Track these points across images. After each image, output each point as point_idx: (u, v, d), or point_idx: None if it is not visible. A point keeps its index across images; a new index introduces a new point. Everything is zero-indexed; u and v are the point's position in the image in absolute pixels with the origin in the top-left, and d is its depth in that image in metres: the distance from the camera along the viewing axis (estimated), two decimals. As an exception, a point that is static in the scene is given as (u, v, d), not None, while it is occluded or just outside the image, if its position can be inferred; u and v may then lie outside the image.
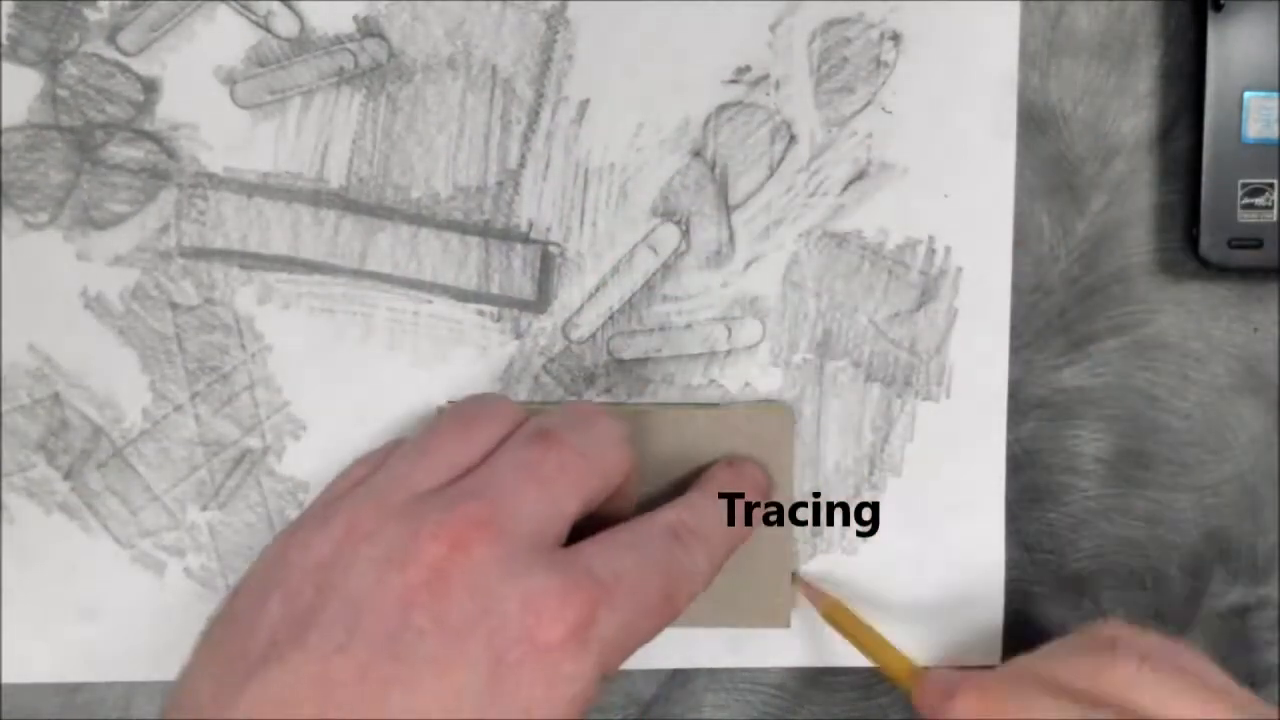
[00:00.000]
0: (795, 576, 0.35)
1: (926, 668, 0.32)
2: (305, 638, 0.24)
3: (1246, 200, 0.35)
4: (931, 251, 0.36)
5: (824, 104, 0.35)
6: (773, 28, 0.35)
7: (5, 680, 0.35)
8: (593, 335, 0.35)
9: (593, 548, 0.27)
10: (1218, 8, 0.35)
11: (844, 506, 0.36)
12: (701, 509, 0.31)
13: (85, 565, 0.35)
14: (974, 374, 0.36)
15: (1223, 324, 0.37)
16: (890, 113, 0.35)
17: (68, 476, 0.35)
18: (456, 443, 0.28)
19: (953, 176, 0.35)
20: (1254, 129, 0.35)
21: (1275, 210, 0.35)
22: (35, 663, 0.35)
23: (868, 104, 0.35)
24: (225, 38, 0.34)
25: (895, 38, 0.35)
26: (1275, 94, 0.34)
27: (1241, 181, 0.35)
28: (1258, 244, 0.35)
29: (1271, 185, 0.34)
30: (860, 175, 0.35)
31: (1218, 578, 0.37)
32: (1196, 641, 0.37)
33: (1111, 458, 0.37)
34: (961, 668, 0.35)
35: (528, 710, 0.24)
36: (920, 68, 0.35)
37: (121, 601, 0.35)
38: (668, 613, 0.27)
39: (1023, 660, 0.31)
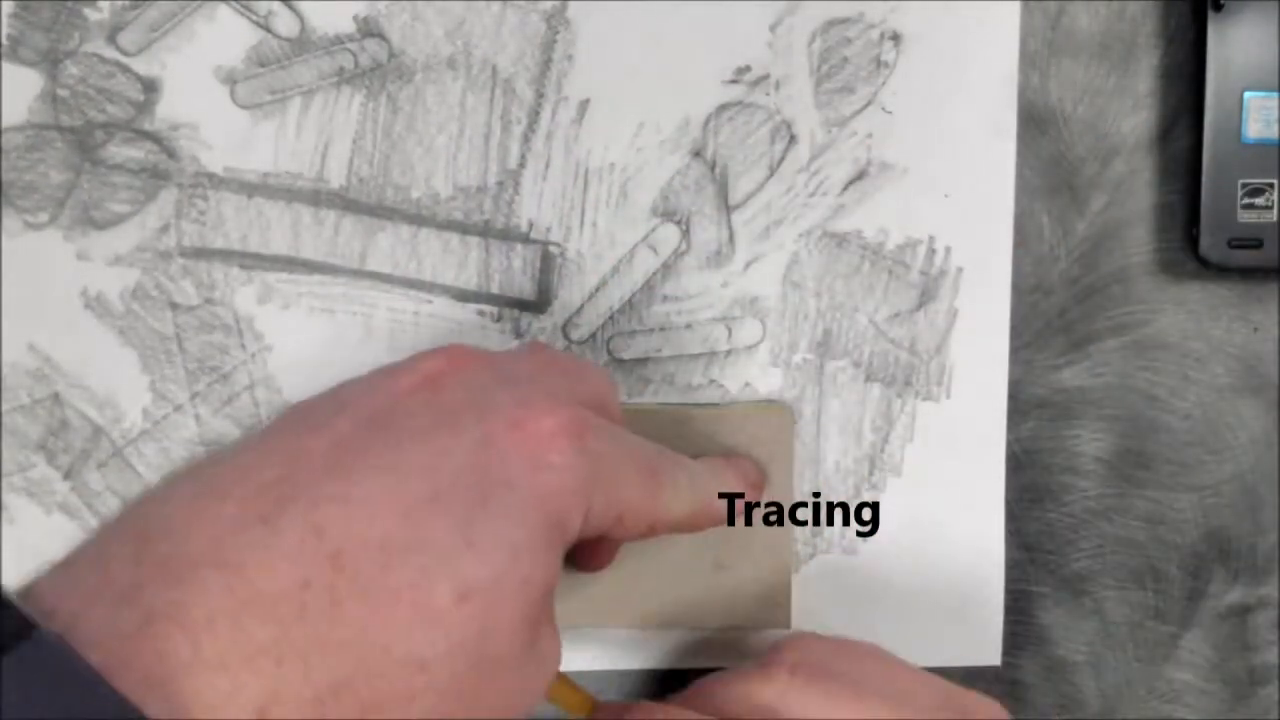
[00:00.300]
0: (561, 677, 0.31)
1: (597, 704, 0.30)
2: (281, 425, 0.24)
3: (1246, 200, 0.35)
4: (931, 251, 0.36)
5: (824, 104, 0.35)
6: (773, 28, 0.35)
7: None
8: (593, 335, 0.35)
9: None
10: (1218, 8, 0.35)
11: (844, 506, 0.36)
12: (687, 458, 0.30)
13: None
14: (974, 374, 0.36)
15: (1223, 324, 0.37)
16: (890, 113, 0.35)
17: (68, 476, 0.35)
18: (427, 360, 0.28)
19: (953, 176, 0.35)
20: (1254, 129, 0.35)
21: (1275, 210, 0.35)
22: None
23: (868, 104, 0.35)
24: (225, 38, 0.34)
25: (895, 38, 0.35)
26: (1275, 94, 0.34)
27: (1241, 181, 0.35)
28: (1258, 244, 0.35)
29: (1271, 185, 0.34)
30: (860, 175, 0.35)
31: (1218, 578, 0.37)
32: (1196, 641, 0.37)
33: (1111, 458, 0.37)
34: (963, 669, 0.35)
35: (509, 483, 0.23)
36: (920, 68, 0.35)
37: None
38: (649, 488, 0.27)
39: (703, 685, 0.30)
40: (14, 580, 0.35)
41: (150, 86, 0.34)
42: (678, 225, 0.35)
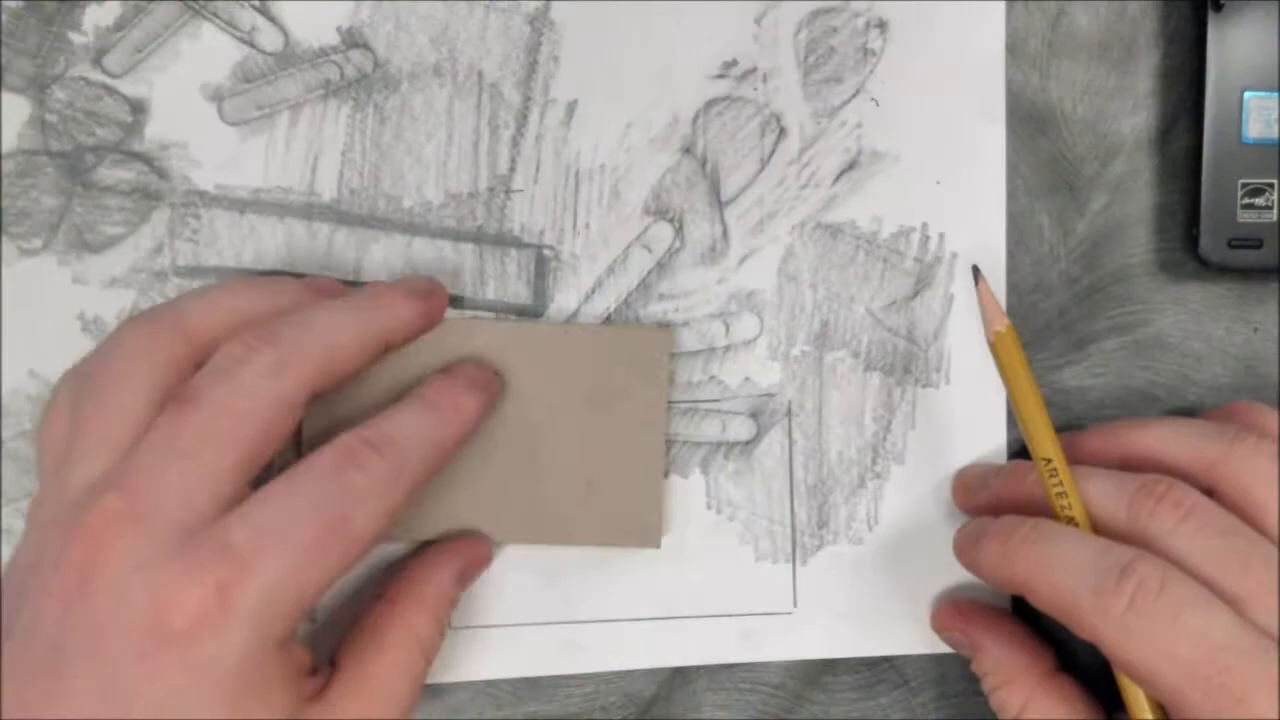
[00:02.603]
0: (979, 274, 0.32)
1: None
2: (9, 634, 0.26)
3: (1246, 200, 0.35)
4: (925, 238, 0.36)
5: (812, 95, 0.35)
6: (758, 20, 0.35)
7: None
8: (590, 336, 0.35)
9: (242, 509, 0.26)
10: (1218, 8, 0.34)
11: (848, 496, 0.36)
12: (393, 417, 0.29)
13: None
14: (973, 359, 0.36)
15: (1223, 324, 0.37)
16: (879, 103, 0.35)
17: (74, 500, 0.35)
18: (97, 420, 0.28)
19: (944, 163, 0.35)
20: (1254, 129, 0.34)
21: (1275, 210, 0.35)
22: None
23: (856, 93, 0.35)
24: (210, 55, 0.34)
25: (881, 25, 0.35)
26: (1275, 94, 0.34)
27: (1241, 181, 0.35)
28: (1258, 244, 0.35)
29: (1271, 185, 0.34)
30: (851, 165, 0.35)
31: None
32: None
33: None
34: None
35: (177, 690, 0.25)
36: (907, 54, 0.35)
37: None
38: (341, 542, 0.27)
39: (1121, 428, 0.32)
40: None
41: (138, 107, 0.34)
42: (671, 223, 0.35)
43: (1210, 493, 0.29)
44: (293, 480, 0.27)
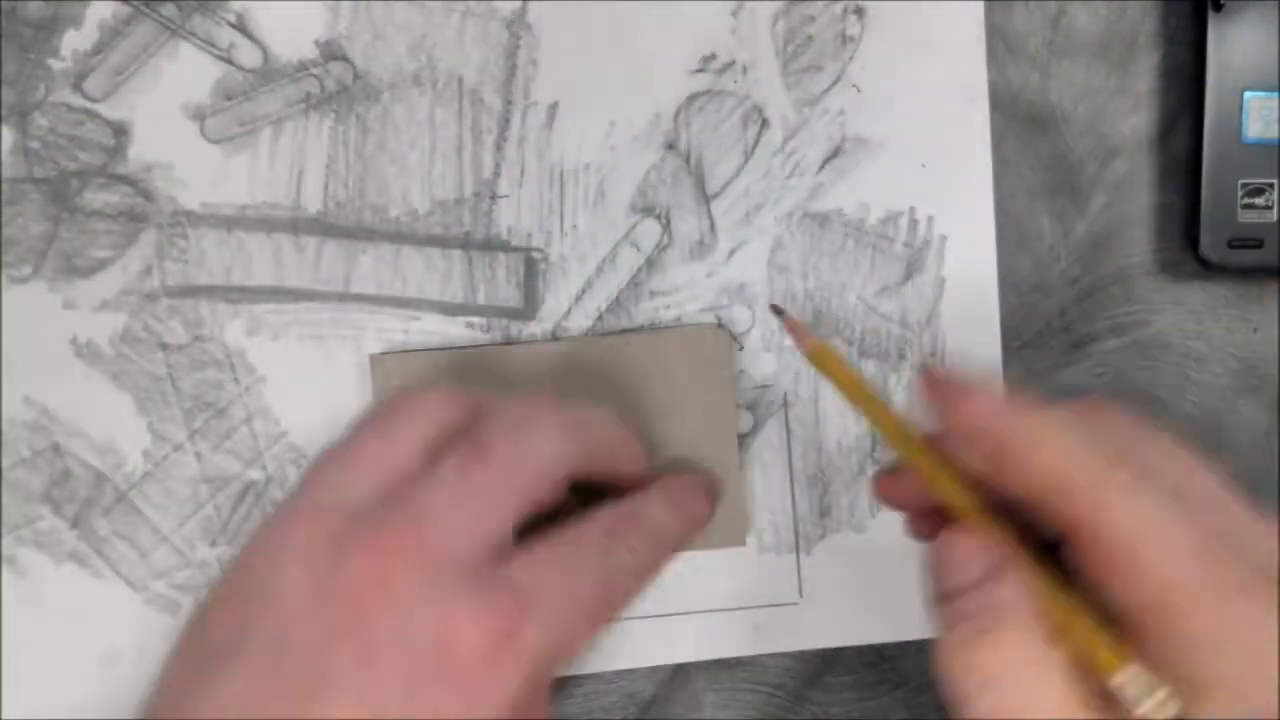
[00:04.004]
0: (780, 311, 0.33)
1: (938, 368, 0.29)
2: (244, 651, 0.25)
3: (1246, 200, 0.34)
4: (914, 223, 0.36)
5: (793, 85, 0.35)
6: (734, 13, 0.35)
7: (33, 731, 0.35)
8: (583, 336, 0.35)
9: (523, 557, 0.26)
10: (1218, 8, 0.34)
11: (849, 484, 0.36)
12: (647, 503, 0.30)
13: (101, 612, 0.35)
14: (967, 341, 0.36)
15: (1223, 324, 0.37)
16: (860, 89, 0.35)
17: (75, 525, 0.35)
18: (379, 445, 0.28)
19: (928, 146, 0.35)
20: (1254, 129, 0.34)
21: (1275, 210, 0.34)
22: (59, 712, 0.35)
23: (837, 80, 0.35)
24: (190, 74, 0.34)
25: (859, 11, 0.35)
26: (1275, 94, 0.34)
27: (1241, 181, 0.35)
28: (1258, 244, 0.35)
29: (1271, 185, 0.34)
30: (836, 153, 0.35)
31: None
32: None
33: None
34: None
35: None
36: (886, 38, 0.35)
37: (142, 644, 0.35)
38: (605, 613, 0.28)
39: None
40: (31, 631, 0.35)
41: (120, 130, 0.34)
42: (658, 220, 0.35)
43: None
44: (566, 540, 0.28)
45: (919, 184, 0.35)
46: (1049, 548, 0.25)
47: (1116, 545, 0.24)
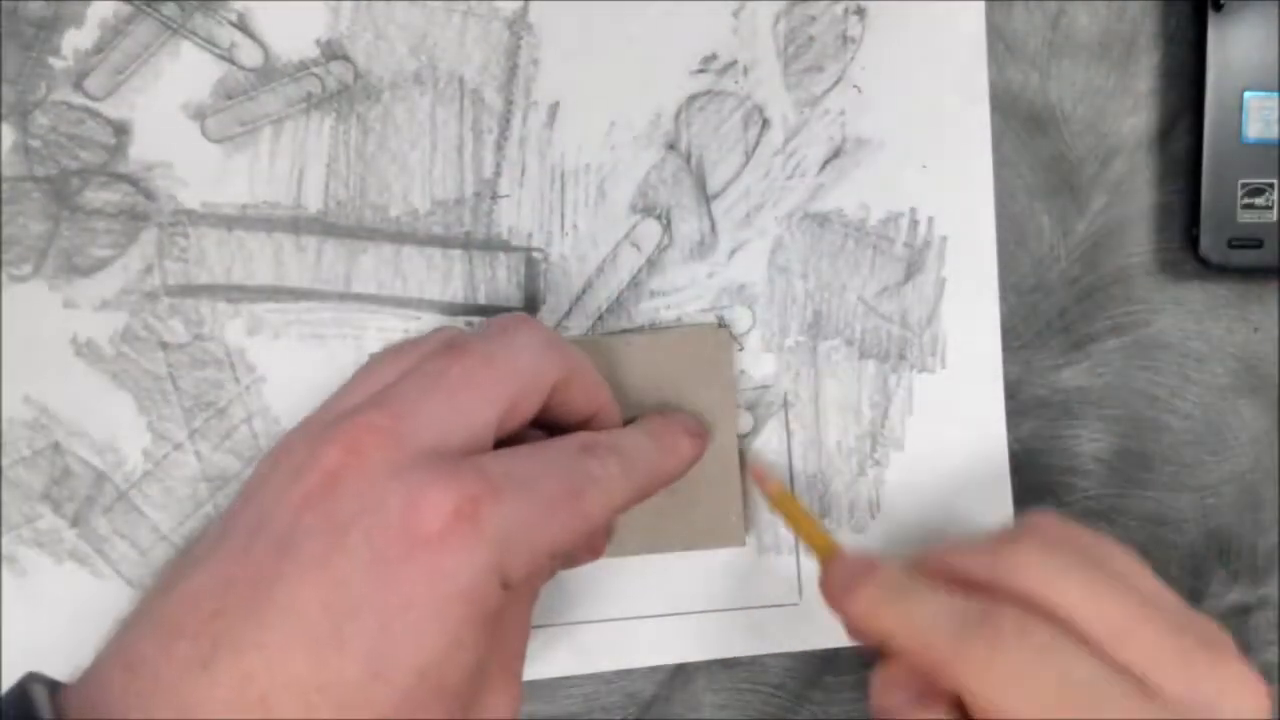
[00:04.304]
0: (743, 460, 0.35)
1: (842, 557, 0.31)
2: (221, 544, 0.25)
3: (1246, 200, 0.35)
4: (914, 223, 0.36)
5: (794, 85, 0.35)
6: (736, 13, 0.35)
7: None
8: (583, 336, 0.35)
9: (494, 453, 0.27)
10: (1218, 8, 0.34)
11: (849, 485, 0.36)
12: (622, 434, 0.31)
13: (101, 611, 0.35)
14: (968, 342, 0.36)
15: (1223, 324, 0.37)
16: (861, 90, 0.35)
17: (75, 524, 0.35)
18: (382, 368, 0.29)
19: (929, 146, 0.35)
20: (1254, 129, 0.35)
21: (1275, 210, 0.35)
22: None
23: (838, 81, 0.35)
24: (191, 73, 0.34)
25: (860, 12, 0.35)
26: (1275, 94, 0.34)
27: (1241, 181, 0.35)
28: (1258, 244, 0.35)
29: (1271, 185, 0.34)
30: (836, 153, 0.35)
31: (1218, 578, 0.37)
32: None
33: (1111, 458, 0.37)
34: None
35: (409, 602, 0.24)
36: (887, 39, 0.35)
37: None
38: (575, 510, 0.27)
39: (936, 549, 0.30)
40: (32, 630, 0.35)
41: (121, 129, 0.34)
42: (658, 220, 0.35)
43: None
44: (539, 447, 0.28)
45: (919, 184, 0.35)
46: None
47: (982, 709, 0.26)
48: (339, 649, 0.24)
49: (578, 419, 0.31)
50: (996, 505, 0.36)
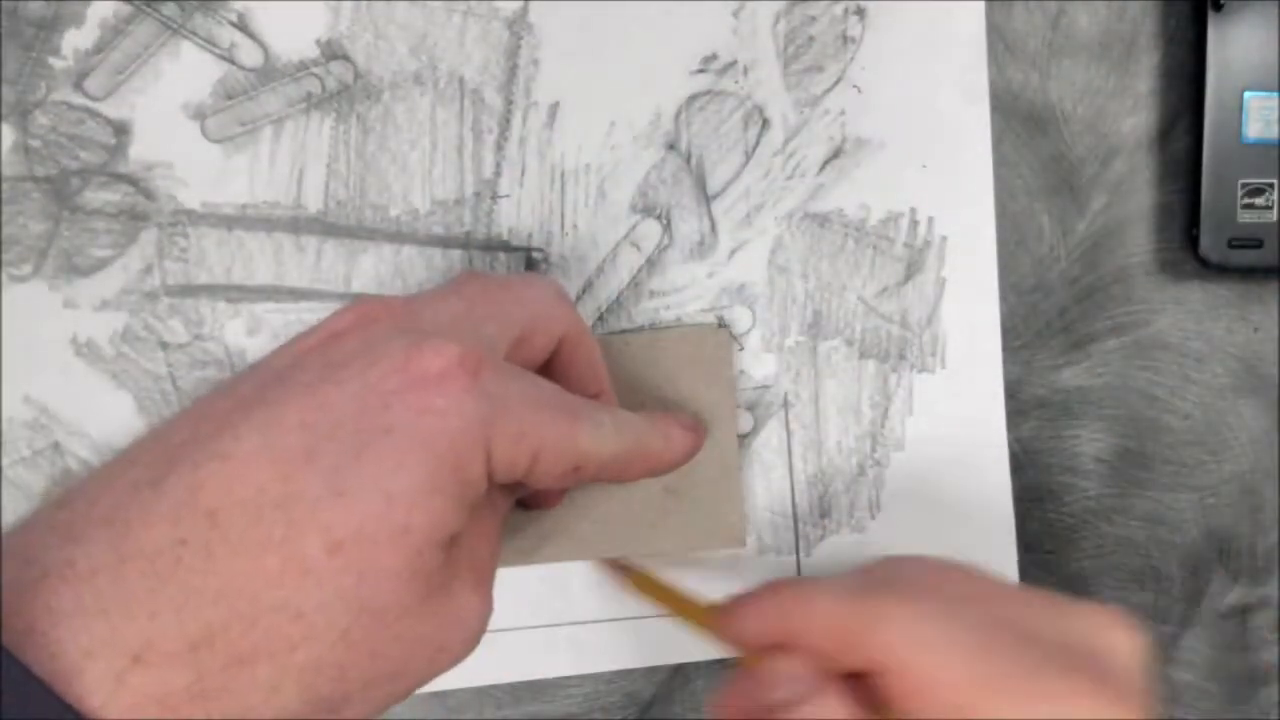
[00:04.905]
0: (627, 570, 0.34)
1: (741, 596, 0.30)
2: (208, 392, 0.25)
3: (1246, 200, 0.35)
4: (914, 223, 0.36)
5: (794, 85, 0.35)
6: (736, 13, 0.35)
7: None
8: (583, 337, 0.35)
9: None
10: (1218, 8, 0.34)
11: (849, 485, 0.36)
12: (619, 410, 0.30)
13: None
14: (967, 342, 0.36)
15: (1223, 324, 0.37)
16: (861, 90, 0.35)
17: (75, 524, 0.35)
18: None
19: (929, 146, 0.35)
20: (1254, 129, 0.35)
21: (1275, 210, 0.35)
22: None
23: (838, 81, 0.35)
24: (191, 73, 0.34)
25: (860, 12, 0.35)
26: (1275, 94, 0.34)
27: (1241, 181, 0.35)
28: (1258, 244, 0.35)
29: (1271, 185, 0.34)
30: (836, 153, 0.35)
31: (1218, 578, 0.37)
32: (1196, 641, 0.37)
33: (1111, 458, 0.37)
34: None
35: (388, 429, 0.23)
36: (887, 39, 0.35)
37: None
38: (567, 428, 0.26)
39: (778, 588, 0.30)
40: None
41: (121, 129, 0.34)
42: (658, 220, 0.35)
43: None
44: (542, 380, 0.28)
45: (920, 185, 0.35)
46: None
47: (909, 675, 0.26)
48: (307, 463, 0.22)
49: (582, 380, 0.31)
50: (996, 505, 0.36)
